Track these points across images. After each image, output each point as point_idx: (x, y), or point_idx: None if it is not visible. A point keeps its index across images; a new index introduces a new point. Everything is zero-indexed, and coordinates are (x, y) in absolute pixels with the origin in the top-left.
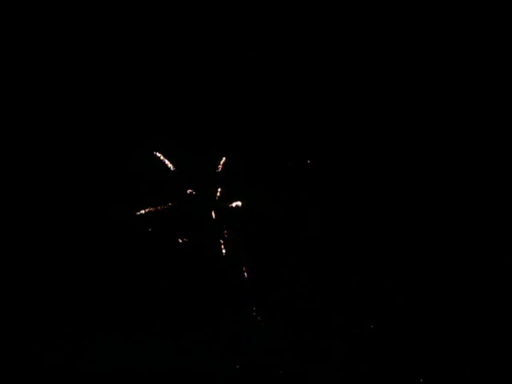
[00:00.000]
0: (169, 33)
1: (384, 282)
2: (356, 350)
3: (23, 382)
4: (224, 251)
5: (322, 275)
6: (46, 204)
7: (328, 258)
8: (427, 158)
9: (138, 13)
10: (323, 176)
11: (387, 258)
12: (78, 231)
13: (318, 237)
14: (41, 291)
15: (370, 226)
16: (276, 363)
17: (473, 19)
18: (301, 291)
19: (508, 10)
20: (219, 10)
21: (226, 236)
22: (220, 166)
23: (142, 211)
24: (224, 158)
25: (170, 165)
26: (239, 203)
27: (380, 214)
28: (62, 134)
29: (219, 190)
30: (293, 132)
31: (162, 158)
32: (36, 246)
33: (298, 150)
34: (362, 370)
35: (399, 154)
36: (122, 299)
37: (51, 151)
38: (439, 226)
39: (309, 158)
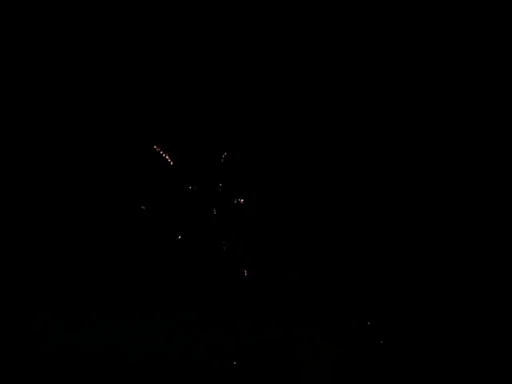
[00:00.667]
0: (170, 29)
1: (383, 282)
2: (354, 349)
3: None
4: (224, 249)
5: (322, 274)
6: (44, 199)
7: (328, 257)
8: (429, 158)
9: (134, 10)
10: (325, 175)
11: (387, 258)
12: (77, 229)
13: (318, 236)
14: (39, 286)
15: (372, 226)
16: (275, 362)
17: (473, 19)
18: (301, 290)
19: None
20: (219, 10)
21: (226, 234)
22: (222, 161)
23: (142, 207)
24: (225, 153)
25: (170, 160)
26: (241, 200)
27: (381, 214)
28: (58, 128)
29: (221, 185)
30: (295, 128)
31: (161, 152)
32: (35, 242)
33: (300, 147)
34: (360, 369)
35: (400, 155)
36: (121, 298)
37: (48, 146)
38: (439, 225)
39: (310, 157)
